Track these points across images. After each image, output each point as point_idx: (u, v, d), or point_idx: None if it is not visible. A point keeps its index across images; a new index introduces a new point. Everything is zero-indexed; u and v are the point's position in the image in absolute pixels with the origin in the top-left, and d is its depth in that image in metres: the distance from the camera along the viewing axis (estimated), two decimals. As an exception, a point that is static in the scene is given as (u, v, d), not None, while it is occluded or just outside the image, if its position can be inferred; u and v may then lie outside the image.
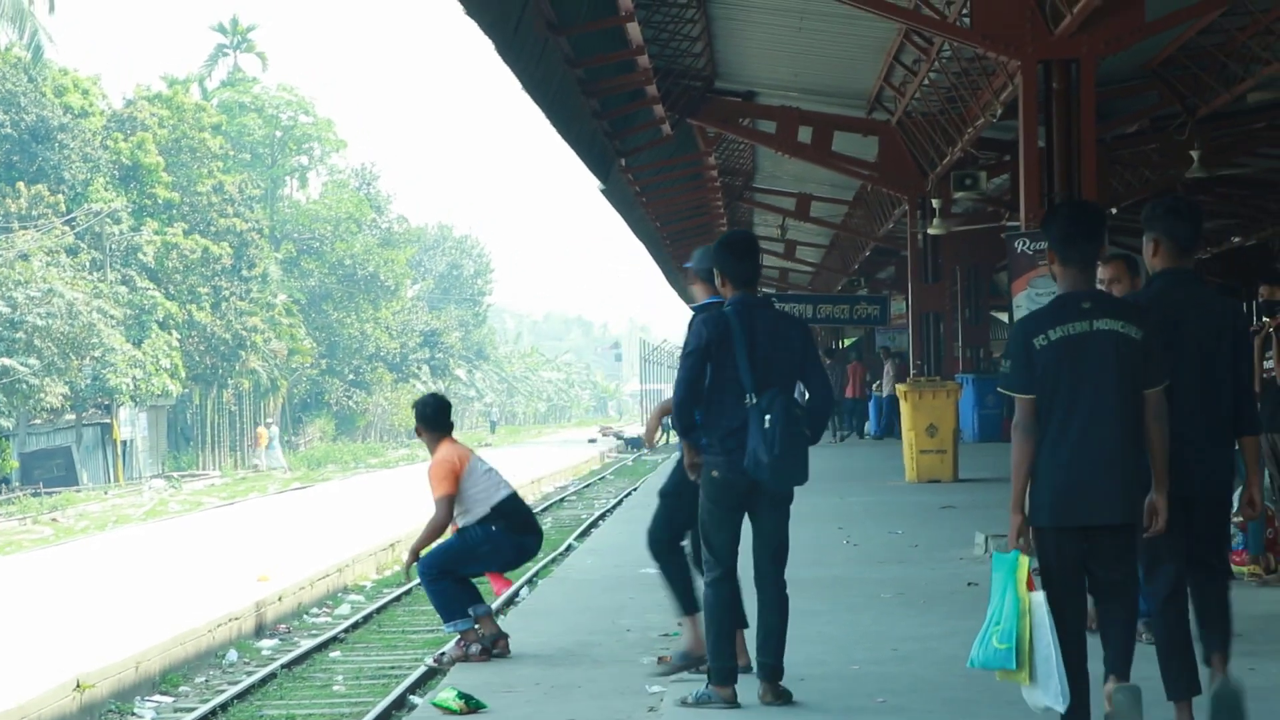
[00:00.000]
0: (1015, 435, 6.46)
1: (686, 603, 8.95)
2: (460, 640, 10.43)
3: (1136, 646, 6.55)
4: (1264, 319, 11.32)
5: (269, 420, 73.05)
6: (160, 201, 64.27)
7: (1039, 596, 6.42)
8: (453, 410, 10.93)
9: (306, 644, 16.18)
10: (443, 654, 10.72)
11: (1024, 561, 6.44)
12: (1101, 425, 6.36)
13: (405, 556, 10.79)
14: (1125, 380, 6.39)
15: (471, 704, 8.60)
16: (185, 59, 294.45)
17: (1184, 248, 6.88)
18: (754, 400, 7.70)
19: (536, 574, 19.66)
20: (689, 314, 8.50)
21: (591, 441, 74.47)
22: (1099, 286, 7.03)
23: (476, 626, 10.35)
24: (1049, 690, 6.37)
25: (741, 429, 7.69)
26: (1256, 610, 9.93)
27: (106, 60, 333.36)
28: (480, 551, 10.51)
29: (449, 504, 10.51)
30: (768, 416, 7.62)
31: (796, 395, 7.93)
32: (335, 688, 13.99)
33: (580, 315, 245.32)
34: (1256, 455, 6.93)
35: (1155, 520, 6.44)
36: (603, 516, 28.33)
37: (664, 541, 9.00)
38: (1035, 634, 6.40)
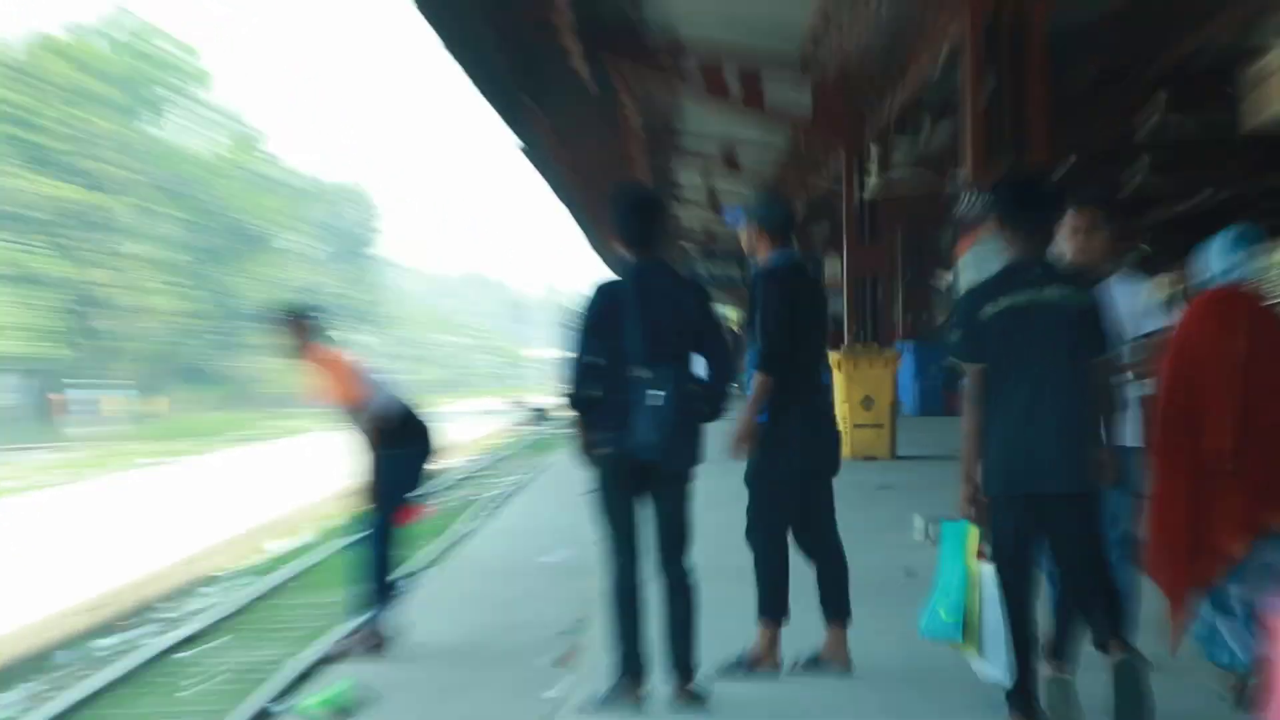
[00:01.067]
0: (965, 404, 7.10)
1: (764, 605, 8.70)
2: (359, 631, 10.47)
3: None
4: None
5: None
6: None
7: (988, 568, 7.00)
8: None
9: (153, 644, 16.06)
10: (328, 649, 10.75)
11: (973, 532, 7.03)
12: (1050, 393, 7.00)
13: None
14: (1074, 348, 7.04)
15: (343, 710, 8.59)
16: None
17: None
18: (644, 374, 7.80)
19: (428, 560, 19.69)
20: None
21: (494, 413, 74.25)
22: (1072, 238, 7.92)
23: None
24: (996, 663, 6.96)
25: (633, 405, 7.80)
26: None
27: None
28: (399, 482, 10.42)
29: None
30: (658, 392, 7.74)
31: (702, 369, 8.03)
32: (183, 694, 13.94)
33: (480, 272, 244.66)
34: None
35: (1105, 475, 7.06)
36: (504, 497, 28.36)
37: (756, 532, 8.69)
38: (984, 606, 7.00)
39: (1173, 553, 7.42)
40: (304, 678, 12.46)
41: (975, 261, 14.74)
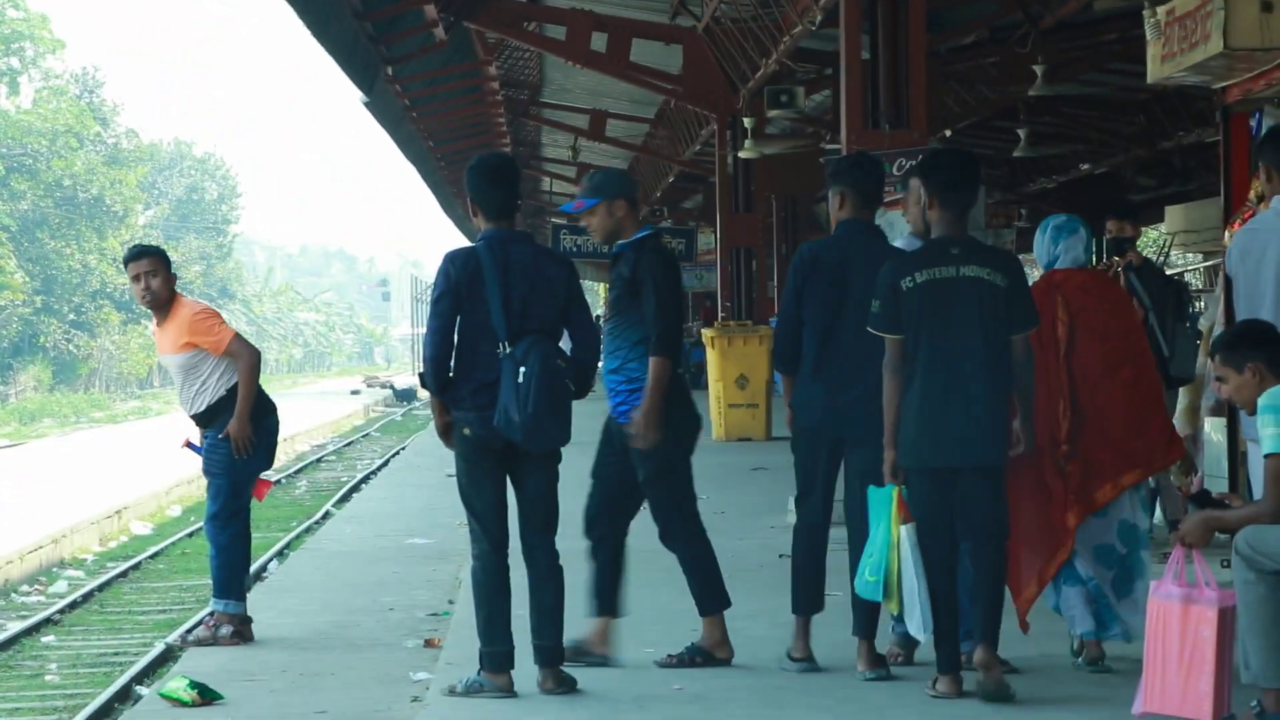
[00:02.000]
0: (885, 374, 7.64)
1: (598, 602, 8.61)
2: (210, 619, 10.34)
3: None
4: (1113, 257, 11.54)
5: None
6: None
7: (906, 529, 7.57)
8: None
9: (14, 627, 15.90)
10: (188, 634, 10.59)
11: (897, 494, 7.60)
12: (965, 368, 7.53)
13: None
14: (989, 325, 7.54)
15: (206, 694, 8.54)
16: None
17: (867, 201, 8.35)
18: (507, 349, 7.70)
19: (288, 545, 19.54)
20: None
21: (355, 393, 74.04)
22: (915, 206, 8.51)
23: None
24: (913, 619, 7.57)
25: (495, 382, 7.70)
26: None
27: None
28: (243, 462, 10.13)
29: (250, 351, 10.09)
30: (522, 369, 7.64)
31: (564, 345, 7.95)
32: (49, 677, 13.77)
33: (342, 249, 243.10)
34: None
35: (1018, 445, 7.67)
36: (365, 479, 28.20)
37: (677, 528, 8.58)
38: (902, 567, 7.57)
39: (1017, 530, 7.93)
40: (167, 661, 12.31)
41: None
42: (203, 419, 10.20)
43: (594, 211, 8.47)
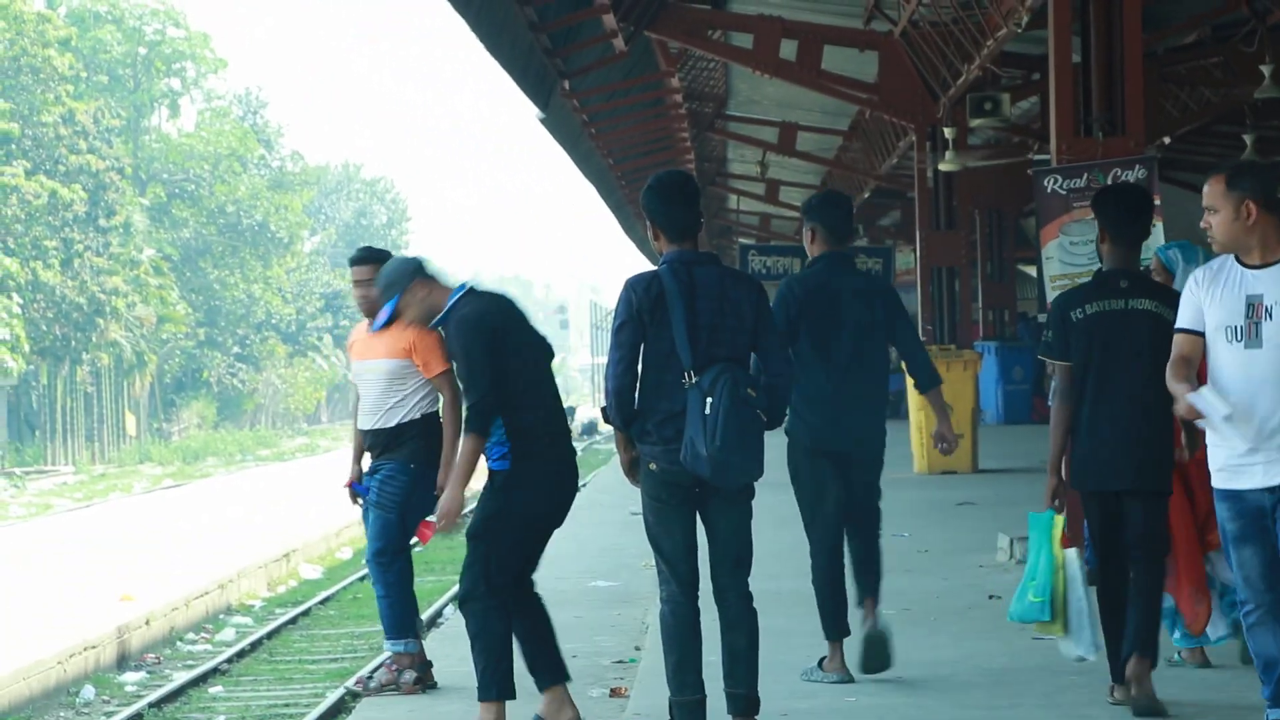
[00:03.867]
0: (1054, 402, 8.41)
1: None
2: (392, 663, 10.40)
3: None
4: None
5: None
6: (-4, 135, 63.95)
7: (1071, 553, 8.33)
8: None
9: (180, 677, 16.17)
10: (369, 678, 10.65)
11: (1058, 520, 8.34)
12: (1131, 397, 8.21)
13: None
14: (1160, 356, 7.64)
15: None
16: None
17: (838, 236, 9.57)
18: (693, 379, 7.67)
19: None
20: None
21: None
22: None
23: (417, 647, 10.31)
24: (1081, 641, 8.32)
25: (682, 414, 7.66)
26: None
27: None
28: (418, 498, 10.22)
29: (456, 390, 9.91)
30: (709, 400, 7.59)
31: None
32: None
33: (518, 274, 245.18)
34: (941, 403, 9.57)
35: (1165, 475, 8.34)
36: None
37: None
38: (1069, 588, 8.31)
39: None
40: (340, 712, 12.44)
41: (1061, 251, 14.52)
42: (385, 438, 10.20)
43: (401, 310, 8.66)
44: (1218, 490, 6.99)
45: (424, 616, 15.72)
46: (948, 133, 27.12)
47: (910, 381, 10.04)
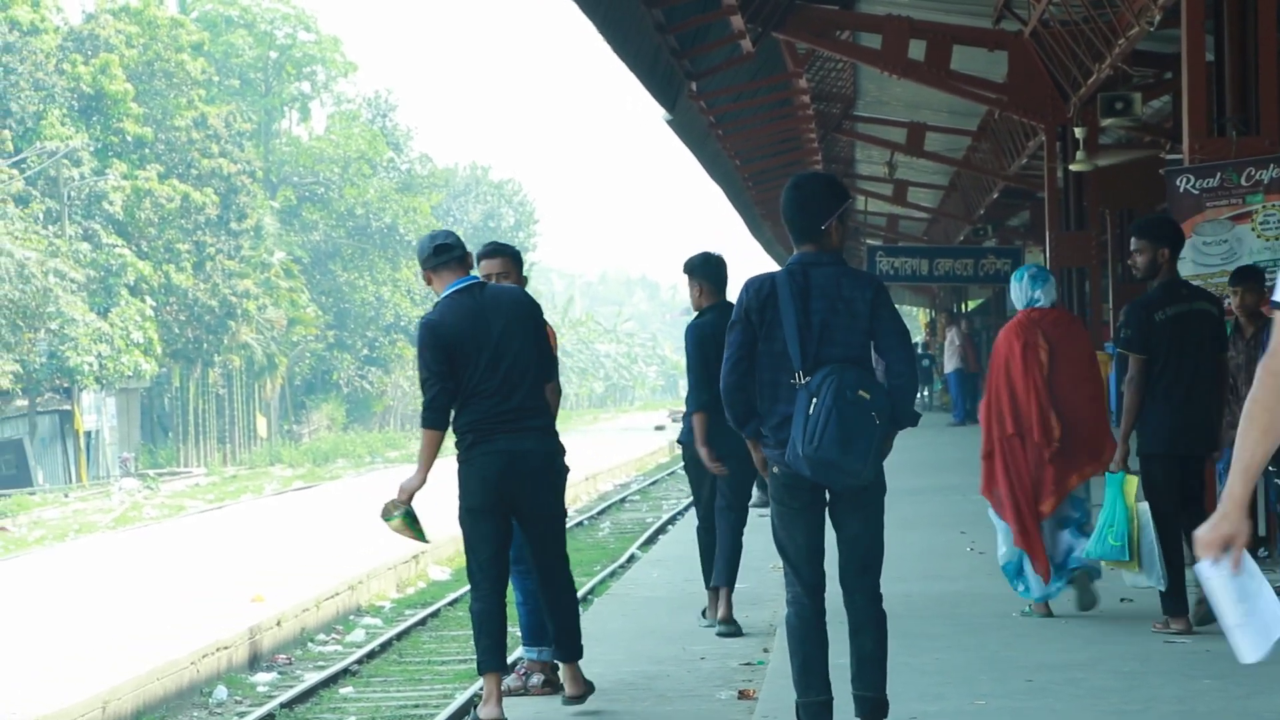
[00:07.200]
0: (1129, 387, 10.58)
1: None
2: (521, 667, 10.44)
3: None
4: None
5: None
6: (129, 138, 64.69)
7: (1144, 505, 10.50)
8: None
9: (311, 678, 16.32)
10: (510, 680, 10.68)
11: (1131, 479, 10.62)
12: (1199, 379, 10.54)
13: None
14: (1211, 347, 10.65)
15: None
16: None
17: (720, 288, 11.79)
18: (802, 380, 7.67)
19: (591, 590, 19.74)
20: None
21: (659, 429, 74.49)
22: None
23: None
24: (1153, 574, 10.47)
25: (795, 415, 7.64)
26: None
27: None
28: None
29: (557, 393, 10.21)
30: (814, 400, 7.57)
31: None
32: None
33: (644, 275, 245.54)
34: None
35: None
36: (671, 521, 28.39)
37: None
38: (1141, 534, 10.52)
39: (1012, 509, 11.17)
40: (469, 712, 12.51)
41: (1194, 251, 14.35)
42: None
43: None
44: None
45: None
46: (1078, 132, 26.92)
47: None
